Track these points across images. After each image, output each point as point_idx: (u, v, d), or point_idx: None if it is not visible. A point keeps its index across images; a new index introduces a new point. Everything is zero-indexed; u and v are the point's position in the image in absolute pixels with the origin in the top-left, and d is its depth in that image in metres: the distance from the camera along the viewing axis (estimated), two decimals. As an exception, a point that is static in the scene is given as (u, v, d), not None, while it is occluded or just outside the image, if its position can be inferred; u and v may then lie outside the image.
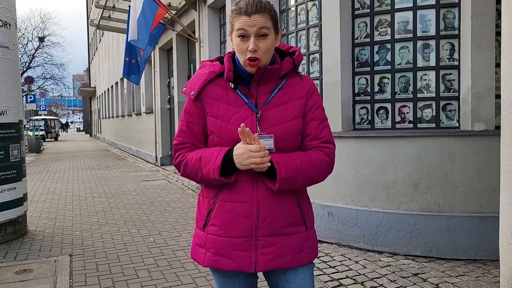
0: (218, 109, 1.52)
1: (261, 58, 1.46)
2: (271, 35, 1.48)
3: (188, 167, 1.53)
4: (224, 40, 7.70)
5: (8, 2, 4.60)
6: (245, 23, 1.44)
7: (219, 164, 1.44)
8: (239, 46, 1.48)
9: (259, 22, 1.44)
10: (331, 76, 4.35)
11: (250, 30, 1.44)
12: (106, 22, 11.15)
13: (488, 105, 3.72)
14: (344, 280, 3.36)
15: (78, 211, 6.00)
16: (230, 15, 1.50)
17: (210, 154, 1.49)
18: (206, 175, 1.48)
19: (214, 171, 1.45)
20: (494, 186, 3.69)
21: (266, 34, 1.46)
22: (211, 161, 1.46)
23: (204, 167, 1.48)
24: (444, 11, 3.91)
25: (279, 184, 1.44)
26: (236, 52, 1.51)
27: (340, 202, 4.24)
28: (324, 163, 1.54)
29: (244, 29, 1.44)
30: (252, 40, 1.44)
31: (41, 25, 56.57)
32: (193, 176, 1.54)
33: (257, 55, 1.46)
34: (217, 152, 1.47)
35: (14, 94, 4.64)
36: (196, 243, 1.60)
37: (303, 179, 1.49)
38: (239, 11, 1.45)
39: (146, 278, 3.44)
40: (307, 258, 1.56)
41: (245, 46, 1.46)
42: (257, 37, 1.45)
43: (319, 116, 1.59)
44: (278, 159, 1.45)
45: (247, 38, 1.46)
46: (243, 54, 1.47)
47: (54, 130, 32.16)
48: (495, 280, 3.26)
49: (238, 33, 1.46)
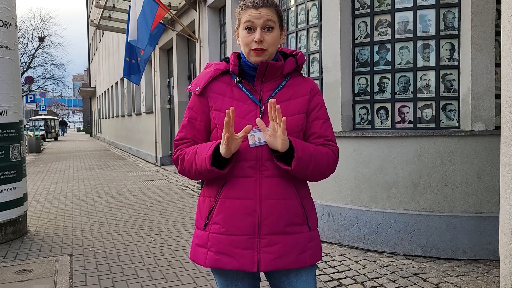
0: (222, 103, 1.54)
1: (266, 49, 1.50)
2: (277, 30, 1.53)
3: (185, 161, 1.55)
4: (224, 40, 7.70)
5: (8, 2, 4.60)
6: (252, 15, 1.50)
7: (210, 153, 1.45)
8: (245, 38, 1.52)
9: (265, 15, 1.50)
10: (331, 76, 4.35)
11: (256, 22, 1.49)
12: (106, 22, 11.15)
13: (488, 105, 3.72)
14: (344, 280, 3.36)
15: (78, 211, 6.00)
16: (238, 11, 1.56)
17: (204, 146, 1.51)
18: (199, 167, 1.49)
19: (206, 160, 1.45)
20: (494, 186, 3.69)
21: (272, 27, 1.51)
22: (203, 151, 1.48)
23: (197, 158, 1.49)
24: (444, 11, 3.92)
25: (296, 162, 1.43)
26: (242, 45, 1.55)
27: (340, 202, 4.25)
28: (331, 158, 1.57)
29: (251, 21, 1.49)
30: (258, 31, 1.49)
31: (41, 25, 56.58)
32: (188, 170, 1.54)
33: (262, 46, 1.50)
34: (210, 144, 1.50)
35: (14, 94, 4.64)
36: (196, 243, 1.58)
37: (314, 166, 1.50)
38: (247, 5, 1.52)
39: (146, 278, 3.44)
40: (310, 260, 1.54)
41: (251, 37, 1.50)
42: (263, 30, 1.50)
43: (323, 116, 1.61)
44: (295, 140, 1.47)
45: (253, 31, 1.50)
46: (248, 46, 1.51)
47: (54, 130, 32.16)
48: (495, 280, 3.27)
49: (245, 25, 1.51)
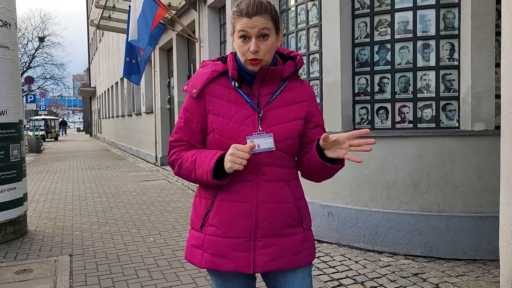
0: (220, 106, 1.52)
1: (262, 59, 1.48)
2: (272, 36, 1.49)
3: (182, 168, 1.53)
4: (224, 40, 7.70)
5: (8, 2, 4.60)
6: (246, 24, 1.45)
7: (211, 167, 1.44)
8: (241, 48, 1.49)
9: (260, 24, 1.44)
10: (331, 76, 4.35)
11: (251, 31, 1.45)
12: (106, 22, 11.15)
13: (488, 105, 3.72)
14: (344, 280, 3.36)
15: (78, 211, 6.00)
16: (232, 16, 1.51)
17: (204, 157, 1.48)
18: (199, 177, 1.49)
19: (207, 173, 1.44)
20: (494, 186, 3.69)
21: (267, 35, 1.47)
22: (204, 164, 1.46)
23: (197, 169, 1.48)
24: (444, 11, 3.91)
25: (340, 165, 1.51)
26: (238, 52, 1.52)
27: (340, 202, 4.24)
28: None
29: (245, 30, 1.45)
30: (253, 41, 1.45)
31: (41, 25, 56.55)
32: (186, 176, 1.54)
33: (258, 56, 1.47)
34: (211, 155, 1.47)
35: (14, 94, 4.64)
36: (192, 244, 1.58)
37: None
38: (240, 12, 1.46)
39: (146, 278, 3.44)
40: (305, 260, 1.56)
41: (246, 47, 1.47)
42: (258, 38, 1.46)
43: (322, 123, 1.64)
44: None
45: (248, 39, 1.46)
46: (244, 55, 1.49)
47: (54, 130, 32.16)
48: (495, 280, 3.26)
49: (239, 34, 1.47)
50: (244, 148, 1.41)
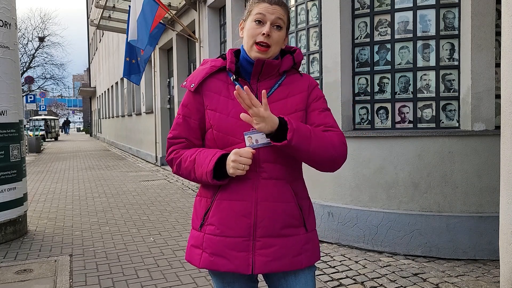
0: (218, 102, 1.51)
1: (271, 45, 1.49)
2: (283, 31, 1.52)
3: (182, 168, 1.53)
4: (224, 40, 7.70)
5: (8, 2, 4.60)
6: (265, 9, 1.48)
7: (211, 168, 1.43)
8: (252, 30, 1.49)
9: (278, 12, 1.49)
10: (331, 76, 4.35)
11: (268, 16, 1.48)
12: (106, 22, 11.15)
13: (488, 105, 3.72)
14: (344, 280, 3.36)
15: (78, 211, 6.00)
16: (250, 3, 1.54)
17: (204, 157, 1.47)
18: (199, 177, 1.48)
19: (207, 174, 1.44)
20: (494, 186, 3.69)
21: (280, 27, 1.50)
22: (204, 164, 1.45)
23: (197, 170, 1.48)
24: (444, 11, 3.91)
25: (291, 134, 1.35)
26: (246, 37, 1.52)
27: (340, 202, 4.24)
28: (335, 138, 1.48)
29: (263, 14, 1.48)
30: (268, 25, 1.48)
31: (41, 25, 56.63)
32: (185, 176, 1.54)
33: (268, 41, 1.48)
34: (210, 155, 1.46)
35: (14, 94, 4.64)
36: (192, 244, 1.56)
37: (317, 142, 1.42)
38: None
39: (146, 278, 3.44)
40: (307, 261, 1.51)
41: (258, 30, 1.48)
42: (272, 27, 1.49)
43: (320, 106, 1.56)
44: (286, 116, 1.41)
45: (262, 24, 1.49)
46: (253, 38, 1.49)
47: (54, 130, 32.16)
48: (495, 280, 3.26)
49: (256, 17, 1.49)
50: (246, 153, 1.40)
